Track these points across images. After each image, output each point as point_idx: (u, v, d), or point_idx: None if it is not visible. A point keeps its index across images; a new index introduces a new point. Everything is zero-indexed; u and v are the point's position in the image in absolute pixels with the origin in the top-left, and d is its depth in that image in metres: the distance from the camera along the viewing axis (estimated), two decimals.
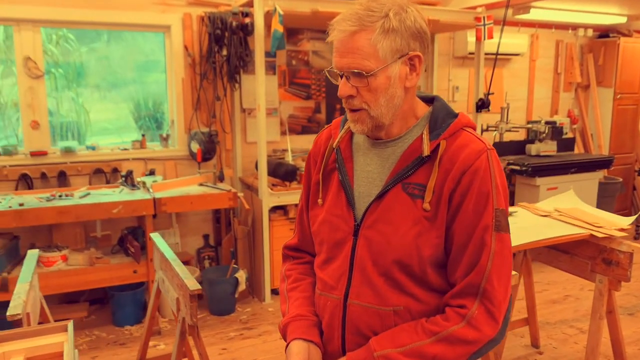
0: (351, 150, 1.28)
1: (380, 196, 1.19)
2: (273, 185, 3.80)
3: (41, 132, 3.65)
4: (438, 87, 4.93)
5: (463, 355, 1.13)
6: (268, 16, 3.45)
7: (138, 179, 3.59)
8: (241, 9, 3.65)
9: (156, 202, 3.27)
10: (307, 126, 4.42)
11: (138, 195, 3.34)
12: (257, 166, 3.73)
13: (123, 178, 3.60)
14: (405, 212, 1.15)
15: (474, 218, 1.12)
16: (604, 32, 5.74)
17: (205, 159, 3.84)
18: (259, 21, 3.43)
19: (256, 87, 3.53)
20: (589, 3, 4.61)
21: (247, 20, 3.61)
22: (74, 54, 3.83)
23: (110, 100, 4.00)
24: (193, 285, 1.98)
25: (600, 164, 4.84)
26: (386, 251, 1.16)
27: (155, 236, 2.61)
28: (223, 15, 3.70)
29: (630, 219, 2.62)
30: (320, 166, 1.32)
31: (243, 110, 4.16)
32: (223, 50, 3.77)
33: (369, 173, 1.23)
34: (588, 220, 2.59)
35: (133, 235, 3.46)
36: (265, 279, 3.78)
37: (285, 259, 1.49)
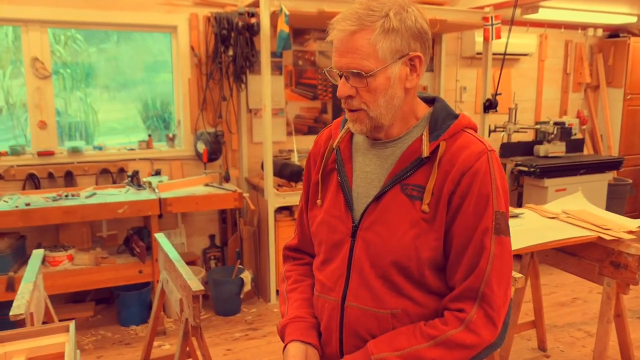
0: (351, 150, 1.27)
1: (378, 197, 1.17)
2: (279, 185, 3.80)
3: (48, 132, 3.67)
4: (445, 88, 4.90)
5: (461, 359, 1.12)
6: (274, 16, 3.45)
7: (144, 179, 3.60)
8: (247, 9, 3.64)
9: (162, 203, 3.28)
10: (314, 126, 4.41)
11: (144, 195, 3.34)
12: (263, 167, 3.73)
13: (129, 178, 3.61)
14: (403, 214, 1.14)
15: (474, 220, 1.10)
16: (614, 32, 5.68)
17: (211, 159, 3.84)
18: (265, 21, 3.43)
19: (262, 88, 3.52)
20: (599, 2, 4.57)
21: (253, 20, 3.60)
22: (82, 55, 3.85)
23: (118, 100, 4.02)
24: (196, 286, 1.98)
25: (609, 165, 4.80)
26: (384, 253, 1.15)
27: (159, 236, 2.61)
28: (229, 15, 3.69)
29: (639, 222, 2.59)
30: (319, 166, 1.31)
31: (249, 110, 4.16)
32: (229, 50, 3.77)
33: (368, 174, 1.22)
34: (596, 222, 2.56)
35: (139, 235, 3.47)
36: (270, 280, 3.77)
37: (285, 260, 1.48)
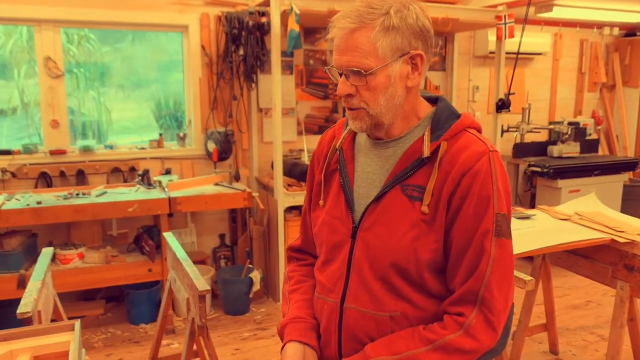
0: (353, 150, 1.26)
1: (378, 198, 1.16)
2: (289, 185, 3.79)
3: (60, 131, 3.70)
4: (458, 87, 4.86)
5: None
6: (284, 15, 3.44)
7: (154, 178, 3.61)
8: (258, 9, 3.64)
9: (171, 202, 3.28)
10: (324, 126, 4.39)
11: (154, 194, 3.35)
12: (273, 166, 3.72)
13: (140, 177, 3.62)
14: (403, 215, 1.12)
15: (474, 222, 1.08)
16: (631, 31, 5.58)
17: (221, 159, 3.84)
18: (276, 20, 3.42)
19: (272, 87, 3.51)
20: (615, 0, 4.49)
21: (264, 19, 3.60)
22: (95, 54, 3.87)
23: (132, 99, 4.05)
24: (202, 285, 1.98)
25: (625, 166, 4.72)
26: (383, 254, 1.13)
27: (168, 235, 2.61)
28: (240, 14, 3.69)
29: None
30: (322, 167, 1.30)
31: (260, 110, 4.15)
32: (240, 49, 3.76)
33: (369, 174, 1.20)
34: (609, 224, 2.51)
35: (148, 234, 3.48)
36: (280, 279, 3.76)
37: (289, 261, 1.47)
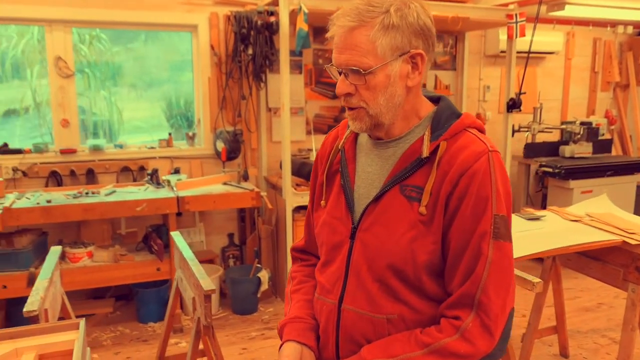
0: (354, 151, 1.25)
1: (377, 198, 1.15)
2: (297, 185, 3.78)
3: (71, 131, 3.72)
4: (468, 86, 4.82)
5: None
6: (293, 15, 3.43)
7: (163, 177, 3.62)
8: (266, 8, 3.63)
9: (179, 201, 3.29)
10: (333, 126, 4.31)
11: (162, 193, 3.37)
12: (282, 166, 3.72)
13: (149, 176, 3.64)
14: (401, 216, 1.11)
15: (471, 224, 1.06)
16: None
17: (229, 158, 3.85)
18: (284, 20, 3.41)
19: (281, 87, 3.51)
20: None
21: (273, 19, 3.59)
22: (106, 54, 3.90)
23: (144, 99, 4.07)
24: (207, 285, 1.97)
25: (638, 167, 4.65)
26: (380, 255, 1.12)
27: (175, 235, 2.61)
28: (249, 14, 3.69)
29: None
30: (324, 167, 1.29)
31: (269, 109, 4.15)
32: (249, 49, 3.76)
33: (369, 174, 1.19)
34: (621, 226, 2.47)
35: (157, 233, 3.49)
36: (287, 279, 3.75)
37: (294, 261, 1.47)
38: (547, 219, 2.67)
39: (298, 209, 3.73)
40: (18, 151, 3.57)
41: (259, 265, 3.81)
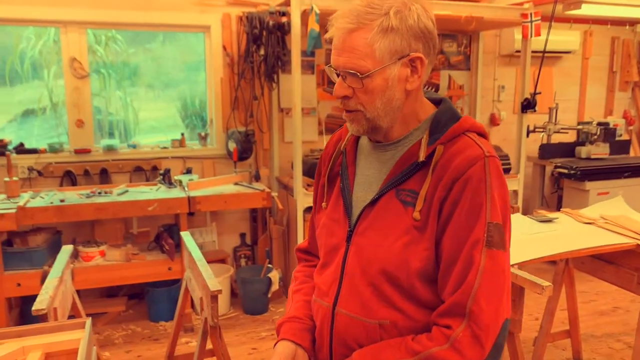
0: (355, 153, 1.24)
1: (373, 202, 1.13)
2: (308, 185, 3.77)
3: (85, 131, 3.77)
4: (483, 86, 4.77)
5: None
6: (305, 15, 3.42)
7: (175, 177, 3.65)
8: (278, 8, 3.64)
9: (190, 201, 3.31)
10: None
11: (174, 193, 3.39)
12: (293, 166, 3.72)
13: (161, 176, 3.67)
14: (396, 220, 1.09)
15: (464, 231, 1.04)
16: None
17: (241, 158, 3.86)
18: (296, 20, 3.41)
19: (292, 87, 3.51)
20: None
21: (284, 19, 3.59)
22: (122, 55, 3.94)
23: (159, 99, 4.10)
24: (214, 285, 1.98)
25: None
26: (373, 260, 1.10)
27: (185, 235, 2.63)
28: (261, 14, 3.70)
29: None
30: (326, 169, 1.29)
31: (281, 109, 4.15)
32: (261, 49, 3.77)
33: (368, 177, 1.18)
34: (635, 229, 2.42)
35: (169, 232, 3.52)
36: None
37: (298, 261, 1.48)
38: (560, 221, 2.63)
39: (309, 210, 3.73)
40: (34, 151, 3.62)
41: (270, 265, 3.82)
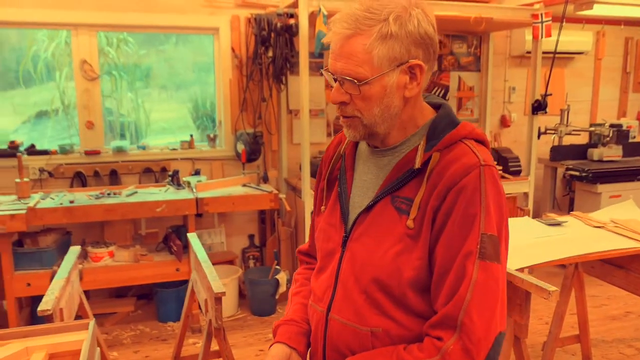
0: (354, 157, 1.23)
1: (368, 208, 1.12)
2: None
3: (95, 132, 3.80)
4: (493, 88, 4.73)
5: None
6: (313, 17, 3.42)
7: (183, 179, 3.66)
8: (286, 10, 3.64)
9: (198, 202, 3.32)
10: None
11: (182, 194, 3.40)
12: (301, 168, 3.72)
13: (170, 177, 3.68)
14: (390, 228, 1.08)
15: (457, 242, 1.01)
16: None
17: (249, 160, 3.87)
18: (304, 22, 3.41)
19: (300, 89, 3.51)
20: None
21: (292, 21, 3.59)
22: (133, 56, 3.97)
23: (170, 100, 4.13)
24: (218, 287, 1.98)
25: None
26: (366, 267, 1.09)
27: (191, 236, 2.64)
28: (269, 16, 3.70)
29: None
30: (325, 172, 1.28)
31: (289, 111, 4.16)
32: (269, 51, 3.78)
33: (365, 182, 1.17)
34: None
35: (177, 233, 3.53)
36: None
37: (299, 263, 1.47)
38: (569, 225, 2.60)
39: None
40: (45, 152, 3.66)
41: (278, 267, 3.82)
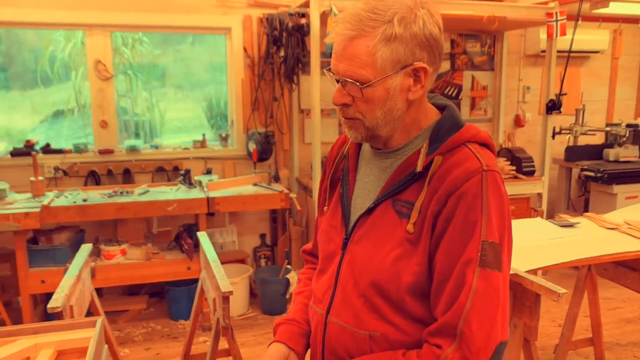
0: (357, 158, 1.21)
1: (369, 211, 1.11)
2: None
3: (109, 131, 3.84)
4: (507, 87, 4.69)
5: None
6: (324, 16, 3.42)
7: (195, 178, 3.69)
8: (298, 10, 3.64)
9: (209, 201, 3.34)
10: None
11: (193, 193, 3.43)
12: (312, 167, 3.72)
13: (182, 176, 3.71)
14: (390, 231, 1.06)
15: (457, 249, 0.99)
16: None
17: (261, 159, 3.88)
18: (315, 22, 3.41)
19: (311, 88, 3.51)
20: None
21: (304, 20, 3.60)
22: (148, 56, 4.00)
23: (186, 100, 4.16)
24: (226, 286, 1.99)
25: None
26: (365, 271, 1.08)
27: (201, 235, 2.66)
28: (281, 16, 3.71)
29: None
30: (329, 173, 1.27)
31: (301, 110, 4.16)
32: (280, 51, 3.79)
33: (367, 184, 1.15)
34: None
35: (188, 232, 3.56)
36: None
37: (304, 262, 1.47)
38: (582, 226, 2.56)
39: None
40: (59, 151, 3.71)
41: (289, 266, 3.82)
